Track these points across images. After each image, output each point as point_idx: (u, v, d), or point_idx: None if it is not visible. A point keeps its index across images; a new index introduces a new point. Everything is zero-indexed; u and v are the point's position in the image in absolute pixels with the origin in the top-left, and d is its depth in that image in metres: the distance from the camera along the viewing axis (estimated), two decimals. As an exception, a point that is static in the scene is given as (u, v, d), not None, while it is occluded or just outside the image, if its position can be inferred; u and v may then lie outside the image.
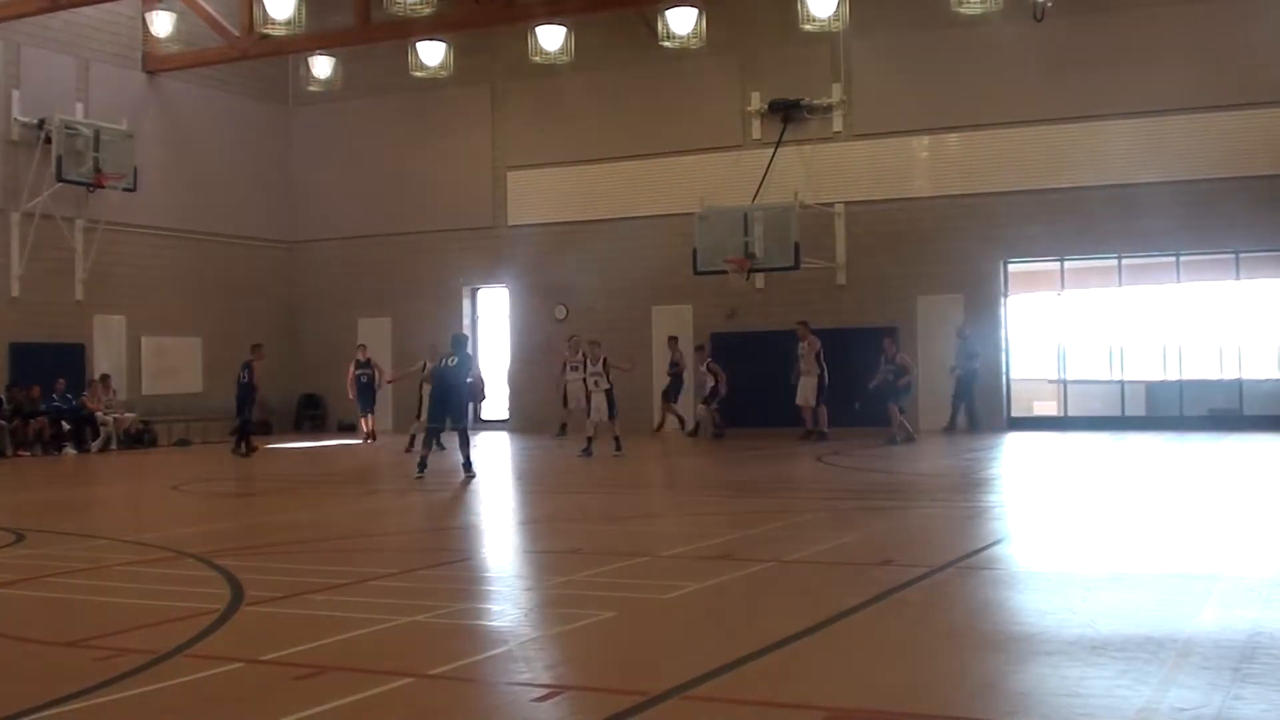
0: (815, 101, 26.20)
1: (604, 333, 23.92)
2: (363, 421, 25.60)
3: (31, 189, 24.38)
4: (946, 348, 24.79)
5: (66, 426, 23.77)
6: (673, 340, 26.07)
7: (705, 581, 8.05)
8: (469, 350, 17.49)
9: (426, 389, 19.05)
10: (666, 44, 24.39)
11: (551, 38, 25.32)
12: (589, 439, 20.08)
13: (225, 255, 28.82)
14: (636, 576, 8.53)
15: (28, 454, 23.01)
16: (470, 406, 20.02)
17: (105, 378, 24.98)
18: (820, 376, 23.13)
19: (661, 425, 26.23)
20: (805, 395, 23.24)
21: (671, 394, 25.95)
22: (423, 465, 16.09)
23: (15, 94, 24.45)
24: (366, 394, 25.28)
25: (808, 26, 23.15)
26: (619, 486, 16.47)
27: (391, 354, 28.71)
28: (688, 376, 25.99)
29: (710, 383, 24.52)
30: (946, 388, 24.58)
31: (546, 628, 6.94)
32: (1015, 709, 5.12)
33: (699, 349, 25.76)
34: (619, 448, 19.89)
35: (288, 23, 24.48)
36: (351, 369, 25.23)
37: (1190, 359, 25.28)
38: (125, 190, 25.44)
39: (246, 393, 22.48)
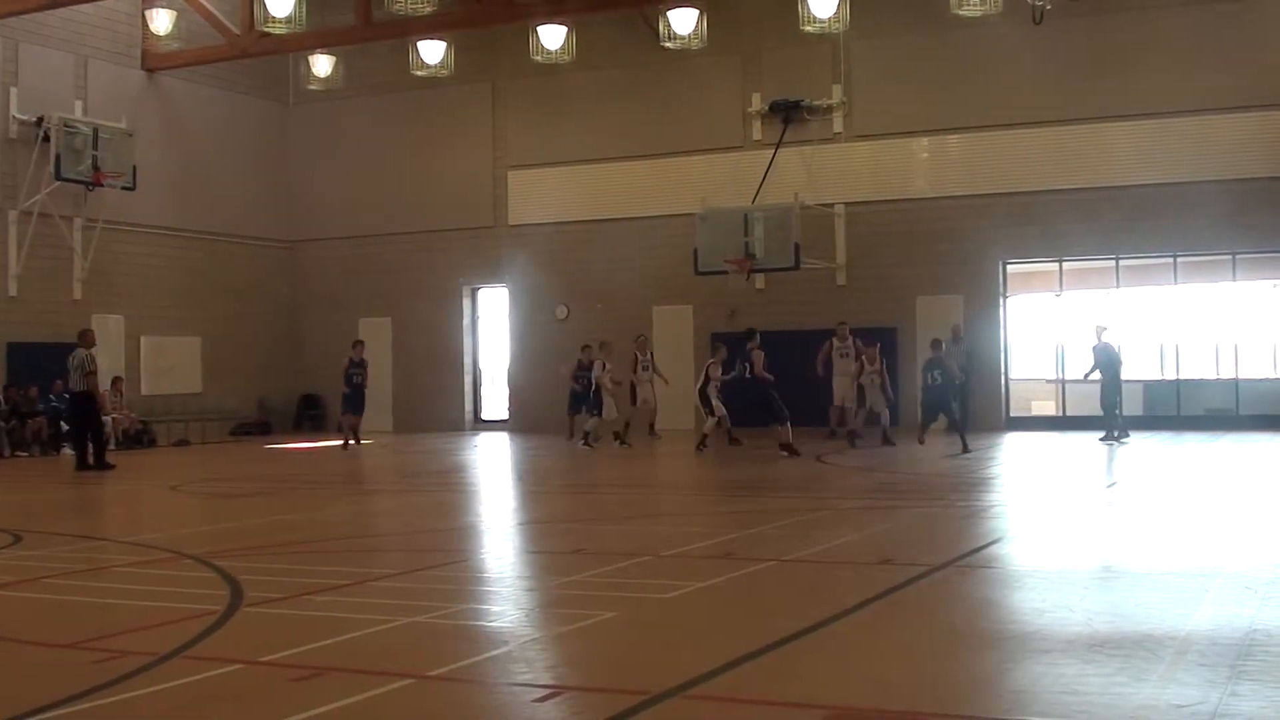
0: (816, 102, 26.21)
1: (604, 333, 23.93)
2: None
3: (29, 187, 24.33)
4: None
5: (65, 427, 23.73)
6: (587, 348, 23.97)
7: (706, 581, 8.06)
8: None
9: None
10: (668, 44, 24.38)
11: (553, 37, 25.32)
12: (585, 432, 22.19)
13: (225, 254, 28.78)
14: (637, 576, 8.54)
15: (25, 454, 23.00)
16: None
17: (117, 380, 24.94)
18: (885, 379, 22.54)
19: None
20: (877, 401, 22.13)
21: (575, 405, 23.96)
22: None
23: (13, 91, 24.41)
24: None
25: (809, 28, 23.17)
26: (619, 486, 16.49)
27: (391, 353, 28.73)
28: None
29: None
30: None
31: (547, 628, 6.95)
32: (1013, 706, 5.13)
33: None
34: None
35: (288, 20, 24.45)
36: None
37: (1187, 359, 25.29)
38: (124, 189, 25.40)
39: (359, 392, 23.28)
